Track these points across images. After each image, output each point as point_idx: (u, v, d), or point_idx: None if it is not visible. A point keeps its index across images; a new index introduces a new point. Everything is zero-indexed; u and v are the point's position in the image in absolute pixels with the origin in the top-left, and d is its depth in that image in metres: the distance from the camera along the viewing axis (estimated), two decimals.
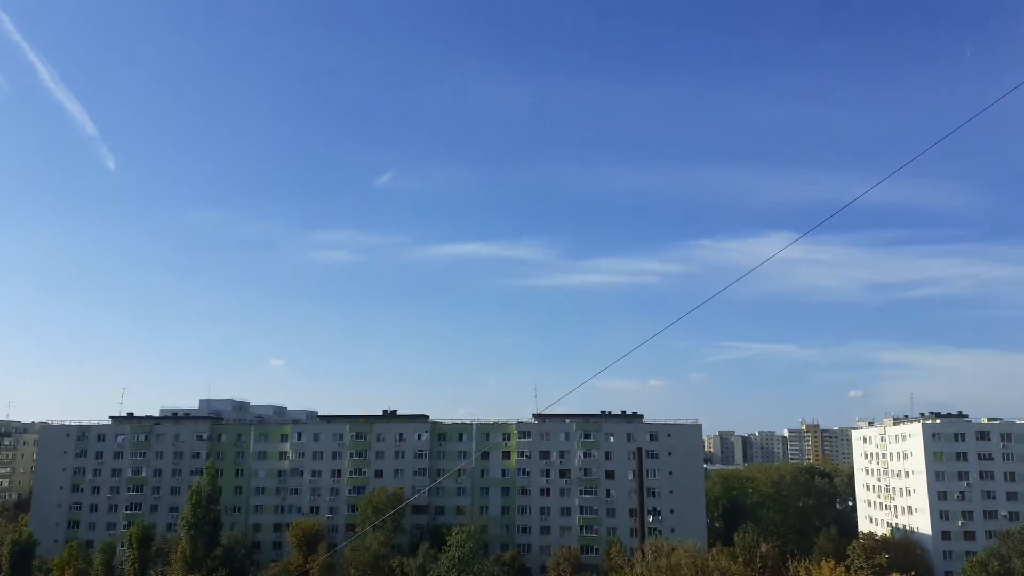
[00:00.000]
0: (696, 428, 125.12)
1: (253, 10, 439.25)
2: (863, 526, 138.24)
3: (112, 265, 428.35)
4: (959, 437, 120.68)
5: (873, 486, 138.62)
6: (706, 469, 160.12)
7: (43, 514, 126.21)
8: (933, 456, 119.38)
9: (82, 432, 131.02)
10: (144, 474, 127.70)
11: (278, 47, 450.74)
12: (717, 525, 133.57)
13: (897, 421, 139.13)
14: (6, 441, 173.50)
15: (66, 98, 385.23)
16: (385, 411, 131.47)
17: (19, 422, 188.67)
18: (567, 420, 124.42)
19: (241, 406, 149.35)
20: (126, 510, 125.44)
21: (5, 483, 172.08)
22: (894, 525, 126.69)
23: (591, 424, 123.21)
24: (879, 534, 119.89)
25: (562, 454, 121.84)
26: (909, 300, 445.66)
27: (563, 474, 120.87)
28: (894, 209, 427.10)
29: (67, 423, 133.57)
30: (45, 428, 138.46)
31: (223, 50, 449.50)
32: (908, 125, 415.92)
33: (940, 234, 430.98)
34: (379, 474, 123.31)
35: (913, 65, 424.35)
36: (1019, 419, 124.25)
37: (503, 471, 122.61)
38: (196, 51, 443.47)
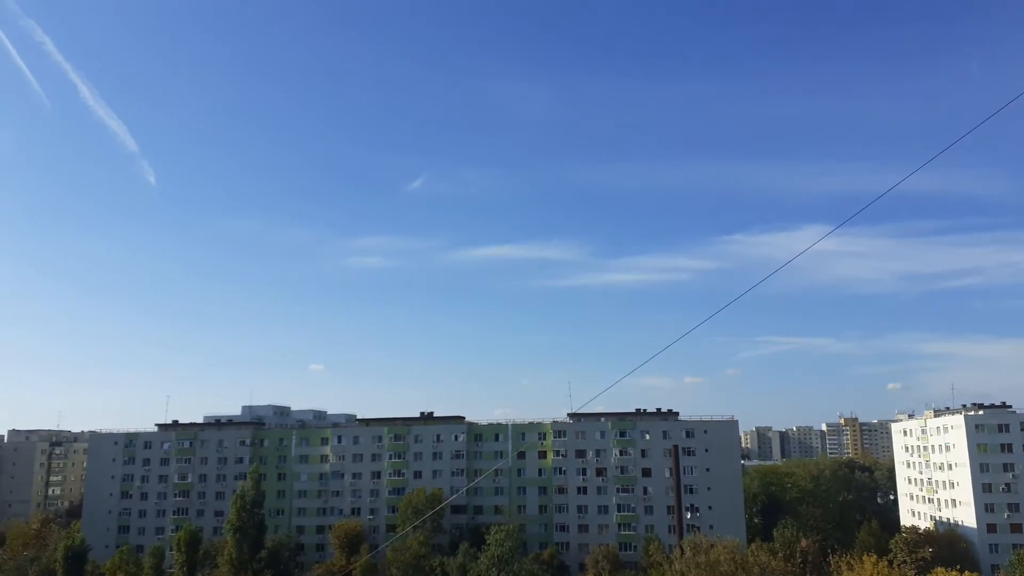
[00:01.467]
0: (733, 424, 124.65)
1: (284, 21, 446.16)
2: (905, 520, 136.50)
3: (155, 276, 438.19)
4: (1003, 428, 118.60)
5: (915, 479, 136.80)
6: (744, 465, 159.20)
7: (94, 520, 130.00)
8: (976, 448, 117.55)
9: (129, 440, 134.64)
10: (190, 480, 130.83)
11: (308, 56, 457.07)
12: (756, 521, 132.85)
13: (938, 413, 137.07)
14: (57, 450, 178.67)
15: (107, 115, 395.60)
16: (422, 413, 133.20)
17: (69, 431, 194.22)
18: (602, 419, 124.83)
19: (282, 411, 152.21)
20: (173, 515, 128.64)
21: (57, 491, 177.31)
22: (937, 518, 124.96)
23: (626, 422, 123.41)
24: (922, 528, 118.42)
25: (598, 452, 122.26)
26: (947, 290, 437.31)
27: (599, 472, 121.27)
28: (930, 199, 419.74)
29: (115, 431, 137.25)
30: (94, 437, 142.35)
31: (256, 62, 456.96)
32: (943, 114, 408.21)
33: (978, 223, 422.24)
34: (418, 475, 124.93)
35: (946, 53, 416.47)
36: None
37: (540, 470, 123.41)
38: (231, 64, 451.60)
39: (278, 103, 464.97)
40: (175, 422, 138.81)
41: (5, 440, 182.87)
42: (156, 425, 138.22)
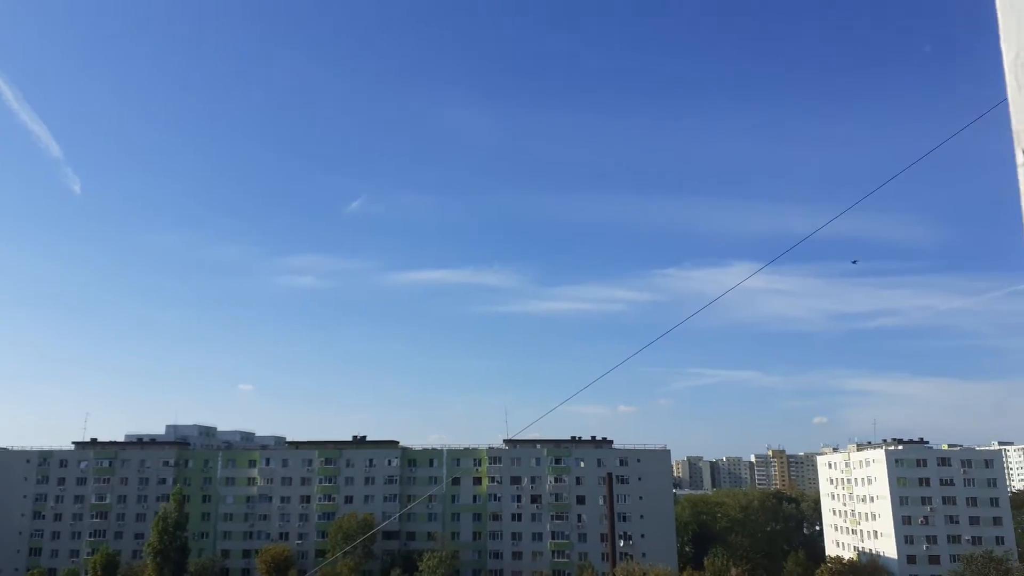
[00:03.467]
0: (665, 453, 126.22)
1: (221, 33, 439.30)
2: (830, 550, 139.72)
3: (77, 288, 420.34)
4: (921, 463, 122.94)
5: (839, 511, 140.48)
6: (676, 494, 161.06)
7: (3, 542, 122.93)
8: (896, 481, 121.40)
9: (43, 458, 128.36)
10: (108, 500, 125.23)
11: (246, 71, 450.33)
12: (687, 549, 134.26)
13: (860, 447, 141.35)
14: None
15: (31, 120, 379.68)
16: (355, 437, 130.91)
17: None
18: (538, 445, 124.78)
19: (208, 431, 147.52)
20: (90, 537, 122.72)
21: None
22: (860, 549, 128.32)
23: (562, 449, 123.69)
24: (846, 558, 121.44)
25: (533, 479, 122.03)
26: (869, 330, 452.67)
27: (534, 499, 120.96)
28: (854, 241, 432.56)
29: (28, 448, 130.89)
30: (5, 453, 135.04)
31: (191, 72, 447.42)
32: (869, 160, 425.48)
33: (897, 266, 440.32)
34: (349, 500, 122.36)
35: (873, 101, 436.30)
36: (978, 445, 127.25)
37: (474, 496, 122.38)
38: (164, 72, 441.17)
39: (211, 117, 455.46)
40: (94, 440, 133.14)
41: None
42: (73, 443, 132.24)
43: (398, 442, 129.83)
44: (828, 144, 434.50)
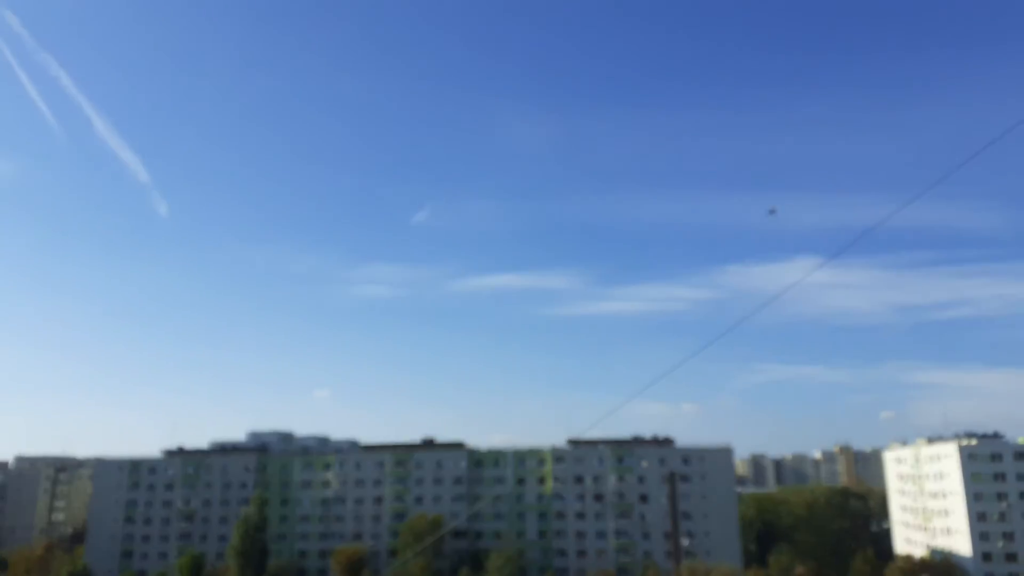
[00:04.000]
0: (727, 451, 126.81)
1: (291, 53, 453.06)
2: (900, 548, 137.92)
3: (162, 303, 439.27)
4: (996, 457, 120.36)
5: (909, 507, 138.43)
6: (739, 492, 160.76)
7: (98, 546, 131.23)
8: (970, 477, 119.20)
9: (134, 466, 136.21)
10: (194, 505, 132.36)
11: (316, 89, 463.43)
12: (751, 548, 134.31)
13: (931, 441, 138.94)
14: (62, 476, 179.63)
15: (120, 148, 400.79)
16: (424, 439, 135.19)
17: (74, 457, 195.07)
18: (600, 445, 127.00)
19: (286, 437, 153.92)
20: (177, 540, 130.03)
21: (62, 516, 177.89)
22: (932, 547, 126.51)
23: (624, 449, 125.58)
24: (917, 556, 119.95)
25: (596, 479, 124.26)
26: (939, 321, 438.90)
27: (598, 498, 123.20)
28: (922, 231, 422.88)
29: (120, 457, 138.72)
30: (99, 463, 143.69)
31: (265, 94, 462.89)
32: (934, 147, 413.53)
33: (968, 254, 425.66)
34: (419, 501, 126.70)
35: (938, 87, 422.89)
36: None
37: (539, 496, 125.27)
38: (240, 96, 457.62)
39: (286, 135, 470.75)
40: (180, 448, 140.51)
41: (11, 466, 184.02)
42: (162, 451, 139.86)
43: (464, 444, 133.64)
44: (893, 134, 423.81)
